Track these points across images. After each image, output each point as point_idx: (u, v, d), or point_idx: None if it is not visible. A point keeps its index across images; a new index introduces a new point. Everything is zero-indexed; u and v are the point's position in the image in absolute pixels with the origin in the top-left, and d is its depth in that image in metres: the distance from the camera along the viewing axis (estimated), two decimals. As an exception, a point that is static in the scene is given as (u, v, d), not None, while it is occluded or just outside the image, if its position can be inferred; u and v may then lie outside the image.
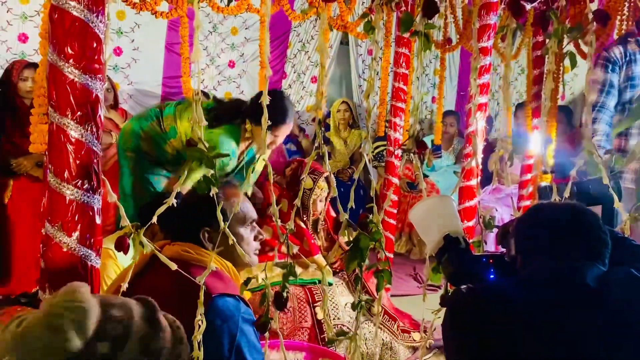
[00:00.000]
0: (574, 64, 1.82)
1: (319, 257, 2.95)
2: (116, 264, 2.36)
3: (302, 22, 5.20)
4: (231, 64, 5.20)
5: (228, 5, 3.38)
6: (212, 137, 2.72)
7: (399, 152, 3.35)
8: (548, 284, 1.32)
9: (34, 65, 3.39)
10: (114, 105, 4.05)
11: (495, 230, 2.06)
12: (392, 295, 3.80)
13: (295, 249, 1.76)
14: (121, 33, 4.63)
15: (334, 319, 2.87)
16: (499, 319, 1.31)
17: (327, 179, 2.96)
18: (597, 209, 2.69)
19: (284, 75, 5.42)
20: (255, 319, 1.61)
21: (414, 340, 3.05)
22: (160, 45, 4.79)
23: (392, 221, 3.78)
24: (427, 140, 5.25)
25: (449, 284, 1.77)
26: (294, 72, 5.46)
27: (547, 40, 1.91)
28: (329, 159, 5.06)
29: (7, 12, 4.15)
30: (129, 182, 2.94)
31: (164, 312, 0.97)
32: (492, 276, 1.59)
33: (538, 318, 1.28)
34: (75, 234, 1.29)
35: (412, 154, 1.95)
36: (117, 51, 4.65)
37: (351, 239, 1.77)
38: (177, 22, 4.24)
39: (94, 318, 0.85)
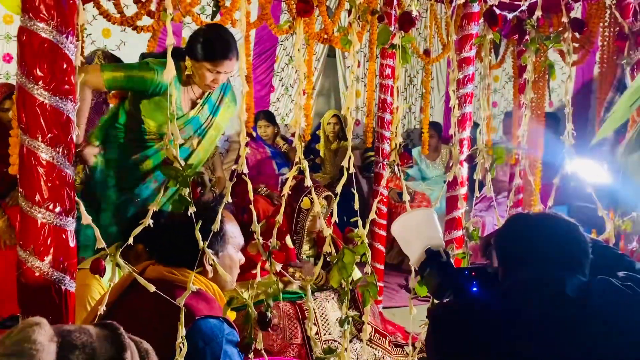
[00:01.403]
0: (552, 74, 1.83)
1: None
2: (100, 285, 2.32)
3: (289, 36, 5.21)
4: (218, 80, 5.19)
5: (212, 20, 3.37)
6: (147, 67, 2.55)
7: (385, 162, 3.35)
8: (528, 295, 1.31)
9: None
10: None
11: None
12: (384, 307, 3.78)
13: (278, 267, 1.74)
14: (107, 51, 4.62)
15: (324, 334, 2.84)
16: (480, 331, 1.30)
17: (327, 197, 2.93)
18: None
19: (271, 89, 5.42)
20: (239, 340, 1.59)
21: (408, 354, 3.02)
22: (146, 62, 4.79)
23: (382, 232, 3.77)
24: (416, 151, 5.26)
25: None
26: (282, 86, 5.46)
27: (527, 50, 1.92)
28: (318, 172, 5.08)
29: (-9, 32, 4.15)
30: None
31: (132, 336, 0.94)
32: (475, 289, 1.58)
33: (519, 330, 1.27)
34: (48, 258, 1.27)
35: (396, 166, 1.94)
36: (104, 69, 4.65)
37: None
38: (163, 38, 4.24)
39: None
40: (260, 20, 3.38)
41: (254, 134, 4.59)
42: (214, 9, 3.45)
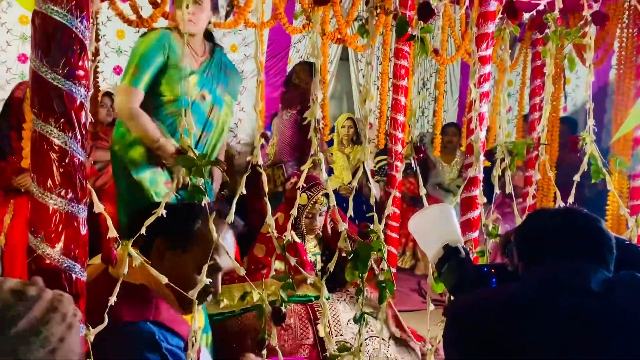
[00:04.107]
0: (572, 66, 1.78)
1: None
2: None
3: (302, 38, 5.20)
4: (231, 81, 5.18)
5: (226, 20, 3.37)
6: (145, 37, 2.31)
7: (397, 163, 3.31)
8: (551, 289, 1.27)
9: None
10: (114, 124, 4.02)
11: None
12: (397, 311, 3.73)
13: (292, 261, 1.70)
14: (121, 52, 4.63)
15: (336, 336, 2.80)
16: (498, 323, 1.26)
17: (327, 195, 2.89)
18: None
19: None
20: (168, 344, 1.39)
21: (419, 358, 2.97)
22: (160, 63, 4.79)
23: (394, 235, 3.73)
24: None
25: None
26: (295, 88, 5.44)
27: (547, 44, 1.88)
28: (330, 176, 5.05)
29: (7, 32, 4.17)
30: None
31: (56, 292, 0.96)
32: (493, 286, 1.53)
33: (541, 323, 1.22)
34: (59, 245, 1.24)
35: (412, 160, 1.90)
36: (118, 70, 4.65)
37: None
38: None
39: None
40: (274, 20, 3.37)
41: (269, 134, 4.57)
42: (228, 9, 3.44)
